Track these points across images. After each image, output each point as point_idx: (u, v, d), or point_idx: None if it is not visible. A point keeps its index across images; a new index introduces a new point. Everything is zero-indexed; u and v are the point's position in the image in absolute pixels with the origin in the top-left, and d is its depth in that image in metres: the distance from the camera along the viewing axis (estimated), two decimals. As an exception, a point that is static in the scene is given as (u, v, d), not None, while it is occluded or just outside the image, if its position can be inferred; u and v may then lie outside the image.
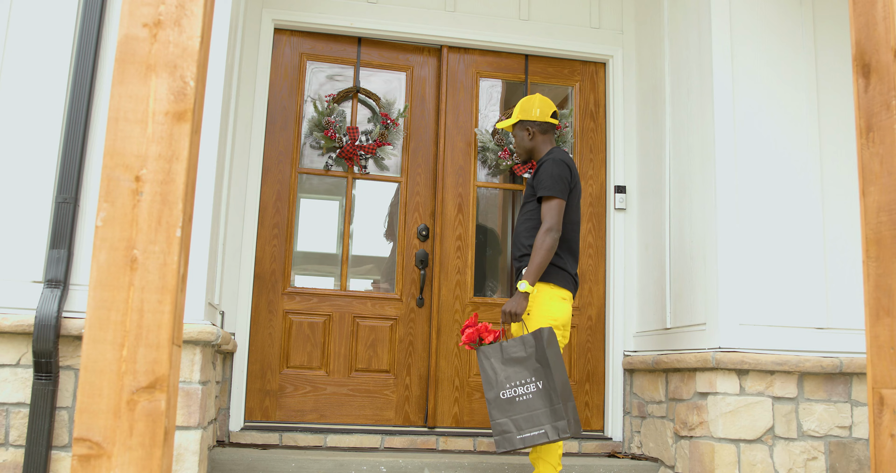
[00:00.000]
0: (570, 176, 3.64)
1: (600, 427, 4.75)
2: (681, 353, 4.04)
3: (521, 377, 3.34)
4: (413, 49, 5.00)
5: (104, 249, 1.82)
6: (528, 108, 3.85)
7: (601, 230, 4.91)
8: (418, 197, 4.88)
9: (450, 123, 4.88)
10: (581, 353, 4.77)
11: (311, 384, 4.63)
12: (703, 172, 4.08)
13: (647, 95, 4.83)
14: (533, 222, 3.67)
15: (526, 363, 3.35)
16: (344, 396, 4.63)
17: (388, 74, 4.99)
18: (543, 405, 3.29)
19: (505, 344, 3.40)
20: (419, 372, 4.70)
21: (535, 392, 3.31)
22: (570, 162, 3.70)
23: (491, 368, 3.38)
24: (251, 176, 4.54)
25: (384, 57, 4.97)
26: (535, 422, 3.28)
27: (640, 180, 4.85)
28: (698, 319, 4.03)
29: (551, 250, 3.51)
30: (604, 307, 4.84)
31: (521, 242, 3.71)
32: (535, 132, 3.84)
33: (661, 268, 4.48)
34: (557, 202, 3.58)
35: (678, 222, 4.34)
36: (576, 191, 3.70)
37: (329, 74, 4.96)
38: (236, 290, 4.40)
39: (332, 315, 4.69)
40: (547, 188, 3.60)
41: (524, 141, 3.88)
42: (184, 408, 3.28)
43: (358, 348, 4.67)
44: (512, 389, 3.33)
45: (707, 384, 3.82)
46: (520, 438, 3.27)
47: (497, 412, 3.32)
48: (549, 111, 3.84)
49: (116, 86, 1.92)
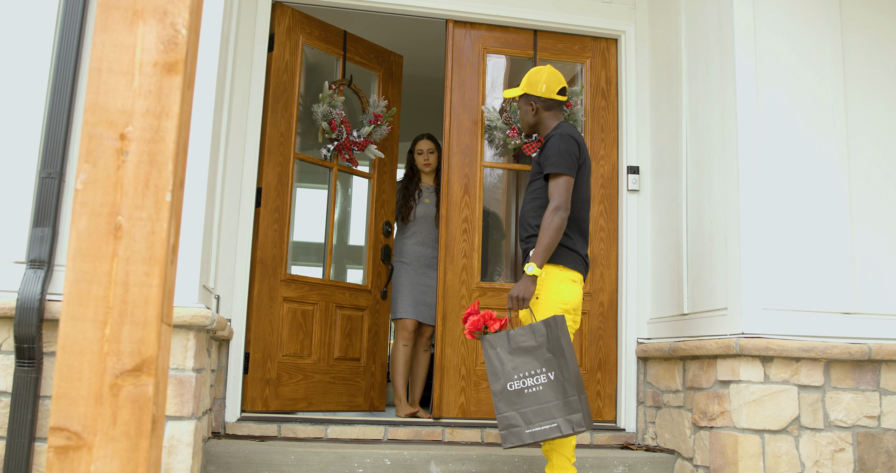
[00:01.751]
0: (578, 152, 3.44)
1: (612, 417, 4.56)
2: (700, 340, 3.84)
3: (531, 368, 3.14)
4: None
5: (84, 215, 1.61)
6: (534, 81, 3.64)
7: (613, 213, 4.71)
8: (384, 194, 5.12)
9: (455, 100, 4.67)
10: (592, 340, 4.57)
11: (302, 372, 4.53)
12: (723, 150, 3.88)
13: (662, 72, 4.62)
14: (540, 201, 3.47)
15: (536, 353, 3.16)
16: (328, 383, 4.64)
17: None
18: (556, 397, 3.09)
19: (512, 333, 3.20)
20: (382, 360, 4.98)
21: (545, 384, 3.12)
22: (579, 137, 3.50)
23: (497, 358, 3.19)
24: (248, 154, 4.32)
25: (387, 32, 4.77)
26: (546, 415, 3.08)
27: (654, 160, 4.65)
28: (719, 304, 3.83)
29: (560, 230, 3.31)
30: (616, 293, 4.64)
31: (528, 222, 3.51)
32: (538, 108, 3.64)
33: (677, 251, 4.28)
34: (565, 179, 3.38)
35: (696, 202, 4.14)
36: (585, 168, 3.50)
37: (319, 59, 4.81)
38: (232, 274, 4.19)
39: (319, 304, 4.65)
40: (554, 165, 3.39)
41: (527, 115, 3.68)
42: (176, 397, 3.08)
43: (337, 336, 4.74)
44: (520, 380, 3.14)
45: (729, 371, 3.63)
46: (529, 432, 3.09)
47: (503, 405, 3.14)
48: (556, 87, 3.63)
49: (99, 34, 1.70)
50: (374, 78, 5.27)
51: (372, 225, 5.07)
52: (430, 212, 5.12)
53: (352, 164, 4.92)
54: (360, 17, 5.10)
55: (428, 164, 5.20)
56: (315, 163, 4.85)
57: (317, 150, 4.86)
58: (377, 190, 5.11)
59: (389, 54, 5.32)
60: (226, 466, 3.57)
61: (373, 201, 5.10)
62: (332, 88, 4.91)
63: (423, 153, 5.22)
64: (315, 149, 4.86)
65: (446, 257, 4.50)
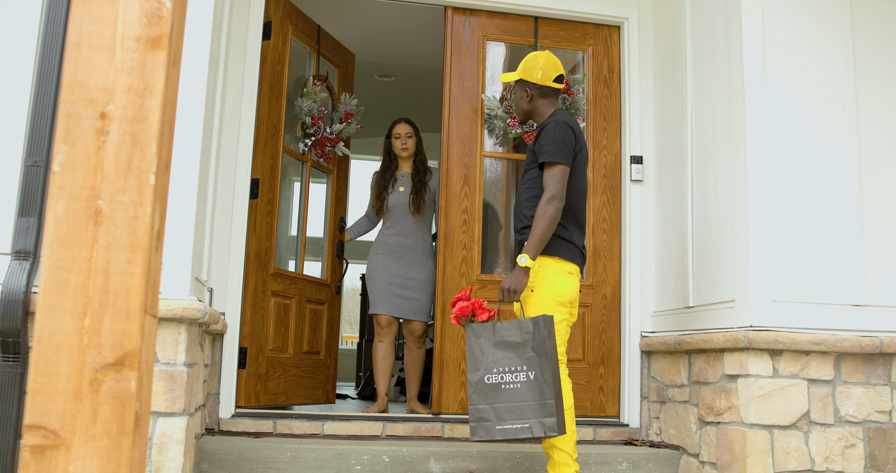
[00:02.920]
0: (574, 140, 3.34)
1: (616, 412, 4.46)
2: (707, 333, 3.74)
3: (511, 364, 3.07)
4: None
5: (62, 199, 1.50)
6: (530, 67, 3.53)
7: (616, 204, 4.61)
8: (341, 191, 5.19)
9: (455, 89, 4.56)
10: (595, 334, 4.48)
11: (283, 366, 4.47)
12: (730, 138, 3.78)
13: (666, 59, 4.52)
14: (535, 191, 3.38)
15: (519, 350, 3.08)
16: (300, 377, 4.62)
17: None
18: (532, 398, 3.02)
19: (499, 325, 3.13)
20: (335, 354, 5.03)
21: (524, 383, 3.04)
22: (575, 125, 3.40)
23: (479, 348, 3.13)
24: (242, 144, 4.21)
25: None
26: (519, 414, 3.01)
27: (658, 150, 4.55)
28: (725, 296, 3.74)
29: (554, 220, 3.20)
30: (619, 286, 4.54)
31: (523, 213, 3.41)
32: (533, 95, 3.53)
33: (682, 242, 4.19)
34: (560, 169, 3.28)
35: (702, 192, 4.04)
36: (582, 156, 3.40)
37: (296, 51, 4.74)
38: (226, 266, 4.08)
39: (295, 298, 4.61)
40: (549, 154, 3.29)
41: (522, 102, 3.58)
42: (167, 393, 2.97)
43: (306, 330, 4.70)
44: (499, 374, 3.07)
45: (737, 365, 3.53)
46: (499, 429, 3.03)
47: (477, 397, 3.08)
48: (552, 74, 3.52)
49: (78, 6, 1.59)
50: (335, 75, 5.24)
51: (331, 220, 5.10)
52: (402, 200, 4.93)
53: (325, 159, 4.93)
54: (350, 7, 5.03)
55: (406, 148, 5.00)
56: (296, 156, 4.81)
57: (294, 144, 4.79)
58: (336, 186, 5.15)
59: (346, 52, 5.34)
60: (219, 463, 3.47)
61: (332, 196, 5.11)
62: (316, 83, 4.83)
63: (401, 137, 5.01)
64: (294, 143, 4.80)
65: (445, 249, 4.40)
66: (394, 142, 5.05)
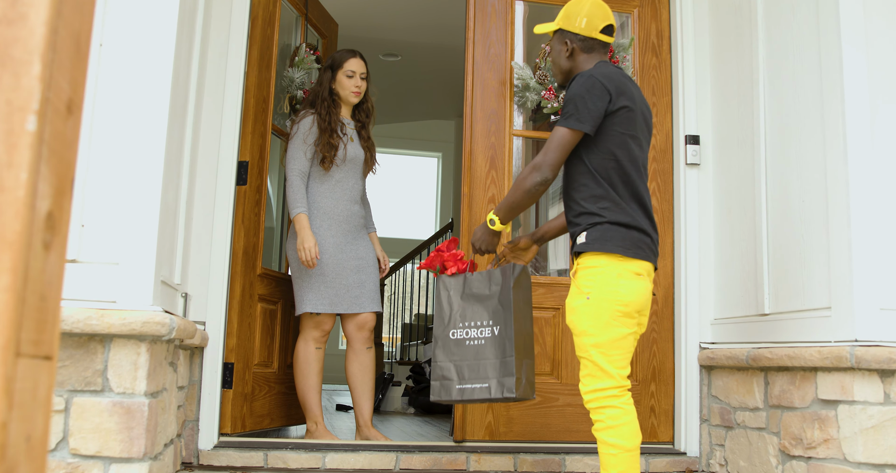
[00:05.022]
0: (604, 94, 2.60)
1: (669, 437, 3.78)
2: (793, 347, 3.06)
3: (478, 318, 2.84)
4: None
5: None
6: (572, 13, 2.81)
7: (668, 192, 3.92)
8: None
9: (479, 56, 3.87)
10: (645, 345, 3.79)
11: (269, 383, 3.83)
12: (822, 111, 3.09)
13: (728, 19, 3.82)
14: (581, 168, 2.69)
15: (486, 303, 2.84)
16: (283, 394, 3.98)
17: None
18: (495, 356, 2.77)
19: (470, 277, 2.91)
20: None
21: (488, 338, 2.80)
22: (611, 76, 2.66)
23: (447, 301, 2.91)
24: (227, 119, 3.51)
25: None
26: (480, 374, 2.78)
27: (718, 128, 3.86)
28: (816, 302, 3.05)
29: (529, 193, 2.64)
30: (672, 288, 3.86)
31: (572, 196, 2.73)
32: (574, 48, 2.81)
33: (752, 237, 3.50)
34: (563, 133, 2.60)
35: (779, 177, 3.35)
36: (626, 116, 2.65)
37: (284, 16, 4.02)
38: (207, 265, 3.39)
39: (280, 302, 3.94)
40: (562, 115, 2.63)
41: (560, 58, 2.86)
42: (123, 432, 2.29)
43: (291, 340, 4.01)
44: (464, 330, 2.85)
45: (837, 388, 2.85)
46: (459, 388, 2.80)
47: (441, 353, 2.86)
48: (599, 23, 2.80)
49: None
50: (321, 46, 4.56)
51: None
52: (359, 155, 3.89)
53: None
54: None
55: (358, 90, 3.91)
56: (283, 136, 4.04)
57: (280, 121, 4.07)
58: None
59: (331, 21, 4.67)
60: (196, 512, 2.79)
61: None
62: (307, 52, 4.13)
63: (355, 76, 3.90)
64: (280, 120, 4.09)
65: (469, 245, 3.70)
66: (342, 81, 3.89)
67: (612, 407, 2.58)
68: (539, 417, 3.68)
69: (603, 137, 2.64)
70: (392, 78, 7.34)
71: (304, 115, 3.81)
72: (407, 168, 13.62)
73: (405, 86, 7.66)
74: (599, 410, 2.59)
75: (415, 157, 13.16)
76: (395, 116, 8.90)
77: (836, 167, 2.98)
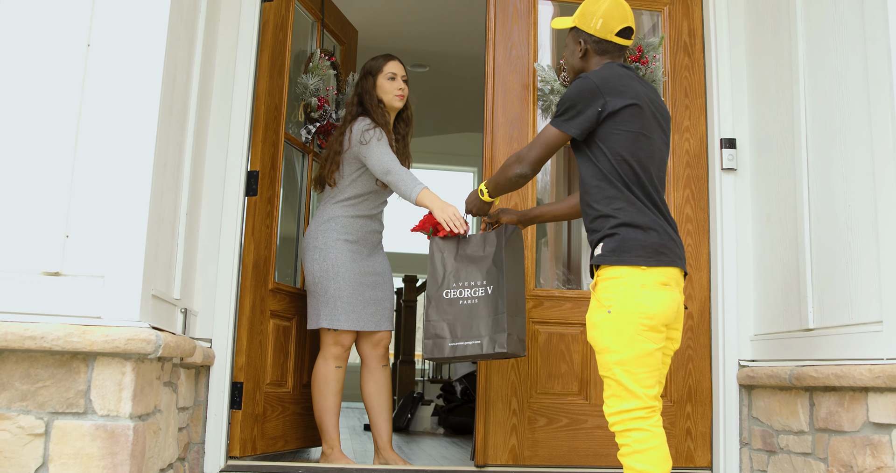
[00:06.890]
0: (597, 94, 2.46)
1: (707, 462, 3.53)
2: (841, 365, 2.81)
3: (472, 279, 2.92)
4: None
5: None
6: (588, 12, 2.64)
7: (703, 199, 3.69)
8: None
9: (500, 58, 3.69)
10: (679, 363, 3.55)
11: (282, 404, 3.64)
12: (869, 109, 2.84)
13: (765, 14, 3.59)
14: (591, 171, 2.53)
15: (480, 264, 2.93)
16: (299, 415, 3.79)
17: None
18: (487, 314, 2.85)
19: (464, 239, 3.02)
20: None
21: (481, 298, 2.88)
22: (615, 75, 2.52)
23: (441, 262, 2.99)
24: (235, 127, 3.36)
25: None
26: (473, 332, 2.85)
27: (756, 130, 3.62)
28: (866, 315, 2.80)
29: (511, 180, 2.68)
30: (709, 302, 3.62)
31: (588, 203, 2.54)
32: (587, 49, 2.65)
33: (794, 246, 3.25)
34: (550, 133, 2.56)
35: (823, 182, 3.11)
36: (627, 114, 2.49)
37: (298, 21, 3.87)
38: (213, 279, 3.24)
39: (295, 318, 3.75)
40: (554, 114, 2.57)
41: (573, 57, 2.72)
42: (106, 458, 2.13)
43: (307, 357, 3.83)
44: (458, 289, 2.93)
45: (891, 411, 2.58)
46: (451, 346, 2.86)
47: (434, 312, 2.92)
48: (616, 25, 2.61)
49: None
50: (339, 53, 4.40)
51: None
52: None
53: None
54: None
55: (402, 93, 3.66)
56: (297, 145, 3.89)
57: (294, 130, 3.90)
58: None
59: (350, 27, 4.52)
60: (194, 542, 2.62)
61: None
62: (323, 58, 3.97)
63: (396, 78, 3.65)
64: (294, 129, 3.91)
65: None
66: (384, 85, 3.62)
67: (638, 430, 2.37)
68: (566, 440, 3.45)
69: (608, 138, 2.51)
70: (422, 89, 7.18)
71: (371, 124, 3.51)
72: (442, 184, 13.45)
73: (436, 98, 7.49)
74: (625, 433, 2.38)
75: (450, 171, 12.97)
76: (428, 129, 8.73)
77: (885, 168, 2.74)
